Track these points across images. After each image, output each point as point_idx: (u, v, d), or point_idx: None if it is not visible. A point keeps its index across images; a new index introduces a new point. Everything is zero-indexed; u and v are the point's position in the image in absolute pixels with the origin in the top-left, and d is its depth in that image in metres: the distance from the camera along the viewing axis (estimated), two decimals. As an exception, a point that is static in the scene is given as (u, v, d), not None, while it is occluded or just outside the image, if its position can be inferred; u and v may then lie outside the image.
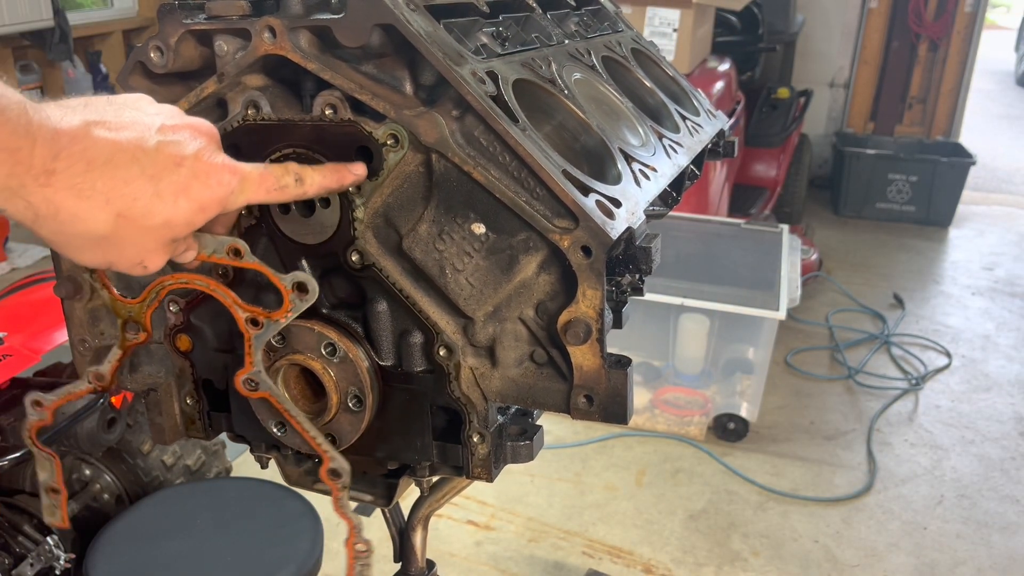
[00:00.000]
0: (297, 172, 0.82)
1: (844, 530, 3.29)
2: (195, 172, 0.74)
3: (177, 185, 0.73)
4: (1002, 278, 5.77)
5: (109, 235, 0.72)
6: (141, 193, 0.71)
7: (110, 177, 0.70)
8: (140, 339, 0.92)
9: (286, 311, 0.85)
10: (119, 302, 0.92)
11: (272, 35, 0.86)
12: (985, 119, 10.47)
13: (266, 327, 0.87)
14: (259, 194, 0.79)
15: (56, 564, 2.21)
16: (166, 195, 0.73)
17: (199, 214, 0.75)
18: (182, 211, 0.74)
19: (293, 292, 0.84)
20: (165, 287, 0.89)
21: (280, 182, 0.81)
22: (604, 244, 0.79)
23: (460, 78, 0.81)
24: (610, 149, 0.95)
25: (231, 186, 0.76)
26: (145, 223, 0.73)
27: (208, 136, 0.77)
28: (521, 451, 0.93)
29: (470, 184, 0.84)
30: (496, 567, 3.05)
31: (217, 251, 0.84)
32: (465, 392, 0.90)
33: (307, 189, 0.83)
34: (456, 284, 0.87)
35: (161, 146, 0.73)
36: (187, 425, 1.06)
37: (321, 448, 0.90)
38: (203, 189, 0.74)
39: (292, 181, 0.82)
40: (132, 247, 0.75)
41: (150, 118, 0.75)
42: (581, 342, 0.83)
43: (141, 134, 0.72)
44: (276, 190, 0.81)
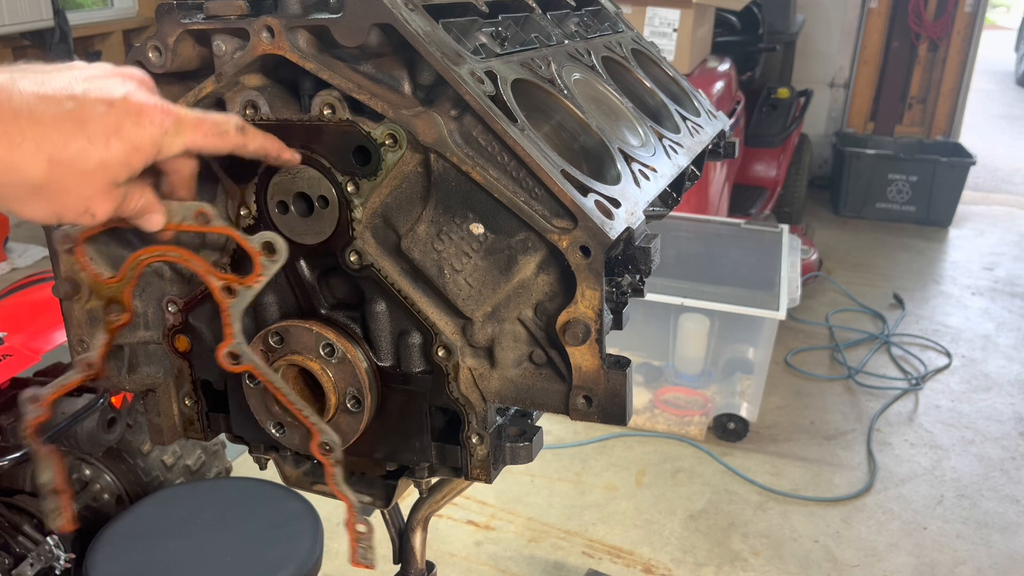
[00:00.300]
0: (240, 122, 0.83)
1: (844, 530, 3.28)
2: (126, 112, 0.74)
3: (107, 126, 0.73)
4: (1002, 278, 5.77)
5: (46, 183, 0.73)
6: (71, 137, 0.72)
7: (38, 124, 0.71)
8: (123, 320, 0.92)
9: (257, 275, 0.85)
10: (99, 282, 0.92)
11: (270, 35, 0.86)
12: (985, 119, 10.47)
13: (240, 295, 0.86)
14: (196, 137, 0.79)
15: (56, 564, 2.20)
16: (97, 137, 0.73)
17: (134, 154, 0.75)
18: (115, 152, 0.74)
19: (262, 254, 0.84)
20: (141, 261, 0.89)
21: (220, 128, 0.81)
22: (603, 244, 0.79)
23: (458, 78, 0.81)
24: (609, 149, 0.94)
25: (164, 126, 0.76)
26: (79, 166, 0.73)
27: (139, 80, 0.78)
28: (520, 452, 0.93)
29: (468, 184, 0.83)
30: (496, 567, 3.05)
31: (185, 218, 0.84)
32: (464, 393, 0.90)
33: (247, 141, 0.83)
34: (455, 284, 0.87)
35: (89, 91, 0.73)
36: (186, 426, 1.06)
37: (309, 420, 0.89)
38: (135, 128, 0.75)
39: (233, 128, 0.82)
40: (72, 194, 0.75)
41: (79, 71, 0.76)
42: (580, 343, 0.82)
43: (68, 83, 0.73)
44: (215, 135, 0.81)
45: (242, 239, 0.84)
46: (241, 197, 0.93)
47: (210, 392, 1.03)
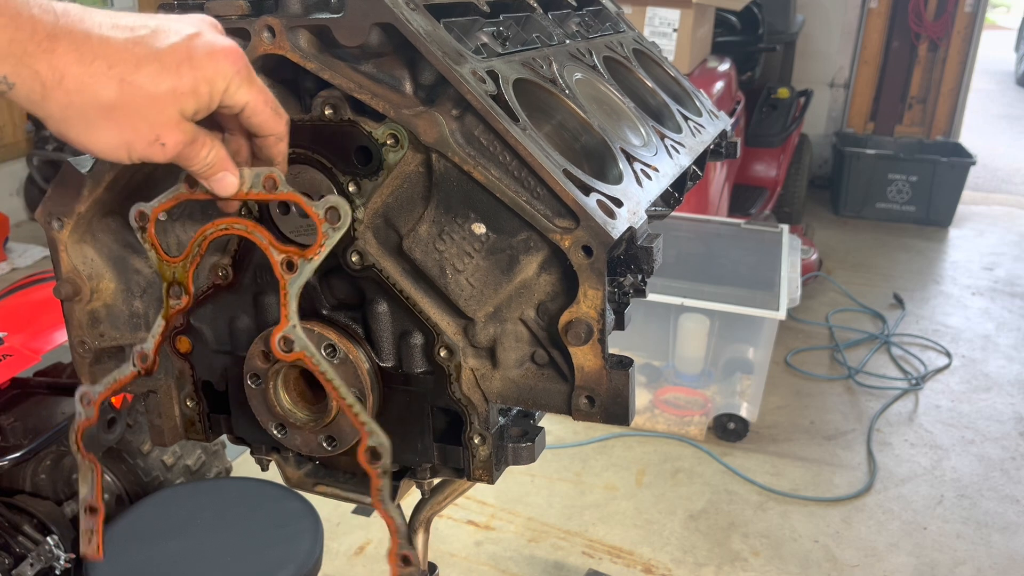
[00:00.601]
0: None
1: (844, 530, 3.28)
2: (199, 44, 0.75)
3: (180, 54, 0.74)
4: (1002, 278, 5.77)
5: (116, 103, 0.73)
6: (143, 60, 0.73)
7: (110, 44, 0.72)
8: (183, 304, 0.89)
9: (320, 244, 0.81)
10: (164, 260, 0.89)
11: (271, 35, 0.86)
12: (985, 119, 10.47)
13: (301, 269, 0.82)
14: (259, 100, 0.79)
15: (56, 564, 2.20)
16: (169, 63, 0.73)
17: (203, 84, 0.75)
18: (186, 80, 0.74)
19: (325, 220, 0.80)
20: (207, 236, 0.87)
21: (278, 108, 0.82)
22: (605, 244, 0.79)
23: (460, 77, 0.81)
24: (611, 149, 0.94)
25: (237, 64, 0.77)
26: (150, 90, 0.73)
27: (210, 23, 0.78)
28: (523, 453, 0.93)
29: (470, 184, 0.83)
30: (496, 567, 3.05)
31: (255, 184, 0.82)
32: (466, 393, 0.90)
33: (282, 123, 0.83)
34: (456, 285, 0.87)
35: (162, 22, 0.75)
36: (187, 427, 1.06)
37: (359, 419, 0.82)
38: (207, 60, 0.75)
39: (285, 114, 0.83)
40: (143, 120, 0.74)
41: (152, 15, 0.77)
42: (582, 343, 0.82)
43: (141, 17, 0.75)
44: (273, 108, 0.81)
45: (307, 205, 0.81)
46: (242, 197, 0.92)
47: (211, 393, 1.03)
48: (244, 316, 0.98)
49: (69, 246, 0.98)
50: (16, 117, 6.36)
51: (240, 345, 0.98)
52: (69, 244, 0.99)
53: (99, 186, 0.95)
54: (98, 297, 1.01)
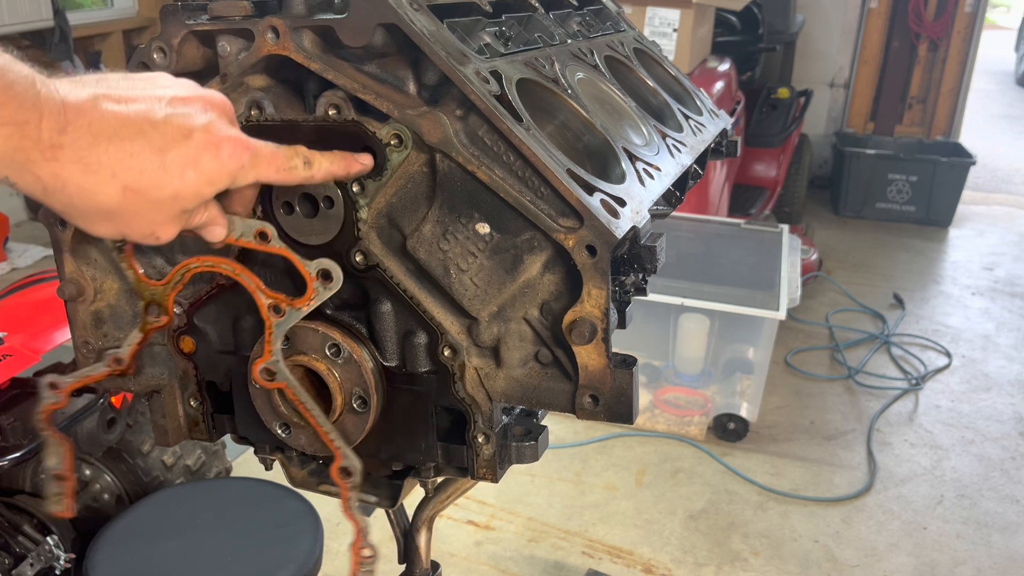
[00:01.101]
0: (306, 155, 0.82)
1: (844, 530, 3.29)
2: (205, 144, 0.74)
3: (185, 157, 0.73)
4: (1002, 278, 5.77)
5: (117, 208, 0.73)
6: (148, 166, 0.72)
7: (116, 150, 0.70)
8: (161, 322, 0.91)
9: (308, 298, 0.85)
10: (143, 283, 0.91)
11: (275, 35, 0.86)
12: (985, 119, 10.48)
13: (288, 315, 0.86)
14: (269, 172, 0.80)
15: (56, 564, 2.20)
16: (173, 168, 0.73)
17: (208, 187, 0.75)
18: (190, 183, 0.74)
19: (318, 280, 0.84)
20: (191, 270, 0.89)
21: (290, 162, 0.81)
22: (609, 243, 0.79)
23: (464, 77, 0.81)
24: (614, 148, 0.94)
25: (242, 160, 0.76)
26: (153, 196, 0.73)
27: (220, 109, 0.77)
28: (526, 452, 0.93)
29: (474, 184, 0.83)
30: (496, 567, 3.05)
31: (245, 234, 0.84)
32: (470, 392, 0.90)
33: (314, 173, 0.83)
34: (460, 284, 0.87)
35: (170, 118, 0.73)
36: (191, 427, 1.06)
37: (334, 444, 0.89)
38: (212, 161, 0.75)
39: (301, 163, 0.82)
40: (142, 219, 0.75)
41: (162, 90, 0.75)
42: (586, 342, 0.82)
43: (150, 106, 0.72)
44: (285, 170, 0.81)
45: (300, 263, 0.84)
46: (246, 197, 0.92)
47: (215, 393, 1.03)
48: (248, 316, 0.98)
49: (73, 247, 0.99)
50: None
51: (244, 345, 0.98)
52: (73, 245, 0.99)
53: (103, 186, 0.95)
54: (102, 297, 1.02)
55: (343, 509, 0.91)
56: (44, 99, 0.66)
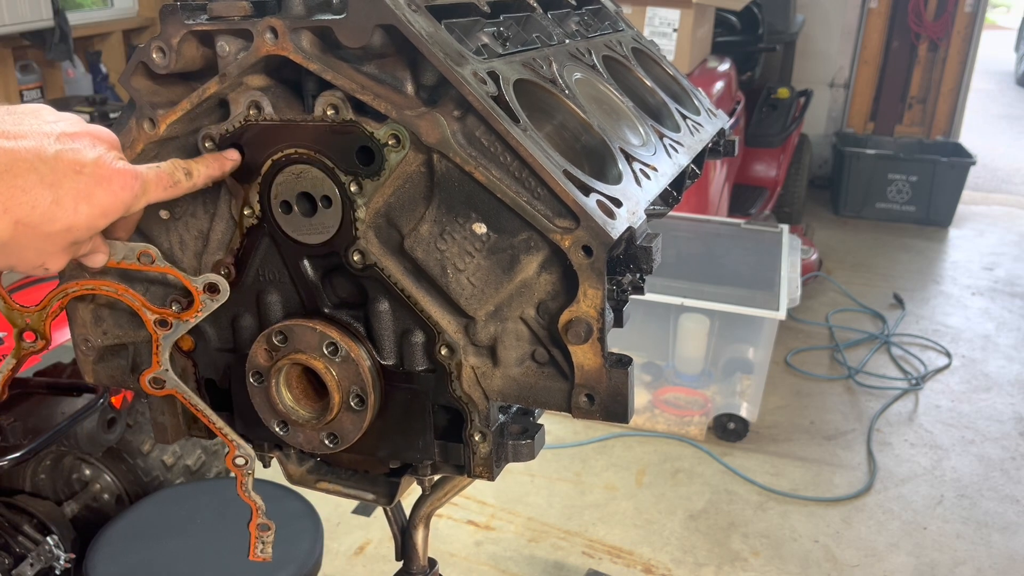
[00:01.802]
0: (184, 166, 0.85)
1: (844, 530, 3.29)
2: (97, 178, 0.75)
3: (77, 191, 0.74)
4: (1002, 278, 5.78)
5: (8, 241, 0.73)
6: (39, 200, 0.72)
7: (8, 186, 0.71)
8: (38, 347, 0.92)
9: (196, 311, 0.89)
10: (15, 311, 0.91)
11: (274, 36, 0.86)
12: (985, 119, 10.48)
13: (175, 327, 0.90)
14: (158, 193, 0.82)
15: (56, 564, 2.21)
16: (66, 202, 0.73)
17: (101, 219, 0.77)
18: (83, 216, 0.75)
19: (204, 293, 0.88)
20: (68, 294, 0.90)
21: (173, 178, 0.83)
22: (605, 244, 0.79)
23: (461, 78, 0.81)
24: (611, 149, 0.95)
25: (134, 190, 0.78)
26: (45, 229, 0.74)
27: (108, 143, 0.79)
28: (522, 450, 0.93)
29: (471, 184, 0.84)
30: (496, 567, 3.06)
31: (128, 257, 0.86)
32: (467, 391, 0.90)
33: (196, 181, 0.86)
34: (457, 284, 0.87)
35: (60, 153, 0.74)
36: (189, 425, 1.06)
37: (228, 438, 0.95)
38: (105, 195, 0.76)
39: (183, 176, 0.84)
40: (31, 251, 0.76)
41: (49, 126, 0.76)
42: (582, 341, 0.83)
43: (40, 143, 0.73)
44: (170, 187, 0.83)
45: (185, 279, 0.88)
46: (245, 197, 0.93)
47: (214, 391, 1.04)
48: (246, 314, 0.98)
49: None
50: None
51: (242, 343, 0.99)
52: (72, 243, 0.99)
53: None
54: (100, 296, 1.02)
55: (239, 492, 0.99)
56: None
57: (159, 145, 0.95)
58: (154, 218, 0.99)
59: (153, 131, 0.93)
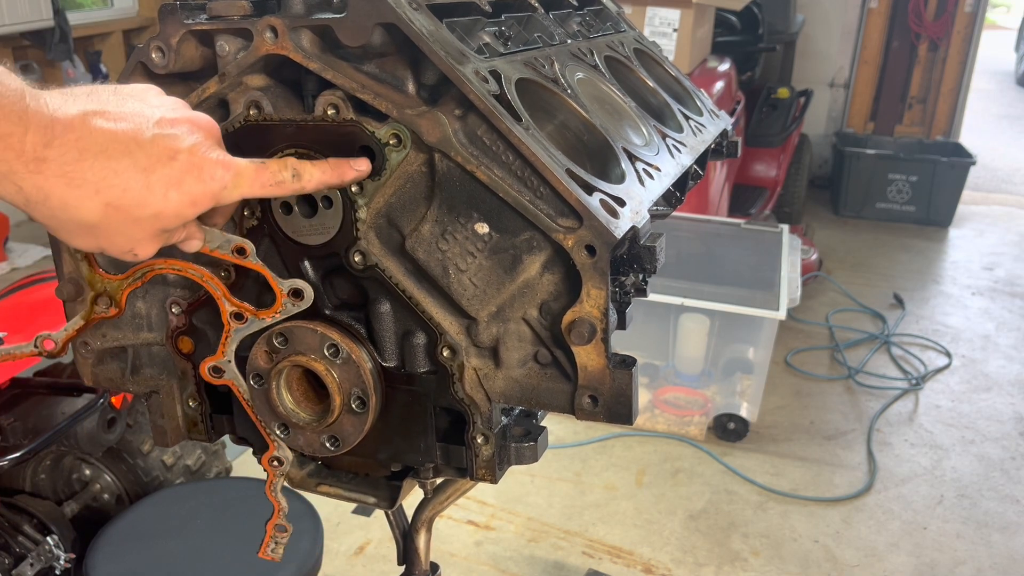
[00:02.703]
0: (295, 167, 0.82)
1: (844, 530, 3.28)
2: (189, 166, 0.75)
3: (169, 178, 0.74)
4: (1002, 278, 5.77)
5: (98, 223, 0.73)
6: (132, 184, 0.72)
7: (101, 167, 0.71)
8: (110, 314, 0.93)
9: (275, 311, 0.88)
10: (96, 275, 0.92)
11: (274, 35, 0.85)
12: (985, 119, 10.48)
13: (249, 323, 0.89)
14: (254, 189, 0.80)
15: (56, 564, 2.20)
16: (157, 188, 0.73)
17: (190, 207, 0.76)
18: (172, 204, 0.75)
19: (287, 296, 0.87)
20: (155, 270, 0.90)
21: (277, 177, 0.81)
22: (608, 243, 0.79)
23: (463, 77, 0.81)
24: (613, 148, 0.94)
25: (224, 181, 0.77)
26: (134, 214, 0.74)
27: (206, 131, 0.78)
28: (525, 452, 0.93)
29: (473, 184, 0.83)
30: (496, 567, 3.05)
31: (223, 247, 0.85)
32: (469, 393, 0.90)
33: (305, 184, 0.83)
34: (459, 284, 0.87)
35: (157, 139, 0.73)
36: (189, 427, 1.06)
37: (270, 437, 0.95)
38: (195, 183, 0.75)
39: (289, 176, 0.82)
40: (122, 236, 0.75)
41: (151, 110, 0.75)
42: (585, 342, 0.82)
43: (138, 125, 0.73)
44: (272, 185, 0.81)
45: (273, 281, 0.87)
46: (245, 197, 0.92)
47: (214, 394, 1.03)
48: (246, 316, 0.97)
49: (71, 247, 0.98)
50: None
51: (242, 346, 0.98)
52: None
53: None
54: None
55: (267, 491, 0.98)
56: (32, 113, 0.67)
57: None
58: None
59: (153, 131, 0.92)
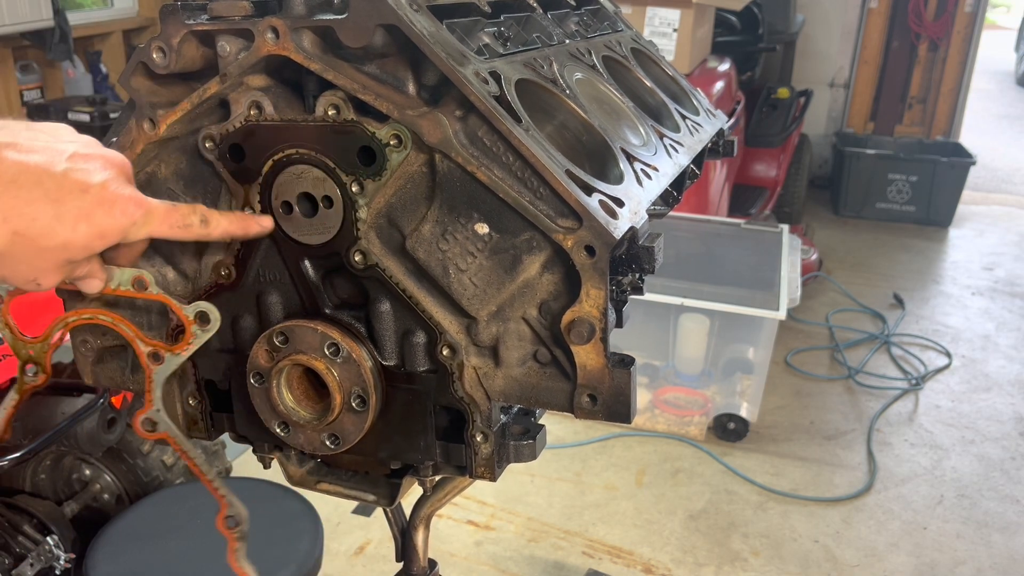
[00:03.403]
0: (204, 214, 0.85)
1: (844, 530, 3.29)
2: (100, 200, 0.76)
3: (79, 210, 0.75)
4: (1002, 278, 5.78)
5: (4, 251, 0.74)
6: (41, 214, 0.74)
7: (11, 196, 0.72)
8: (39, 382, 0.92)
9: (187, 342, 0.87)
10: (19, 341, 0.92)
11: (275, 36, 0.86)
12: (985, 119, 10.48)
13: (167, 361, 0.89)
14: (162, 228, 0.82)
15: (56, 564, 2.21)
16: (66, 219, 0.75)
17: (97, 240, 0.77)
18: (81, 235, 0.76)
19: (195, 323, 0.87)
20: (68, 323, 0.91)
21: (185, 220, 0.84)
22: (608, 244, 0.79)
23: (463, 78, 0.81)
24: (612, 149, 0.94)
25: (134, 217, 0.79)
26: (42, 244, 0.75)
27: (119, 168, 0.80)
28: (524, 450, 0.93)
29: (473, 184, 0.84)
30: (496, 567, 3.05)
31: (122, 283, 0.86)
32: (468, 392, 0.90)
33: (211, 231, 0.86)
34: (459, 284, 0.87)
35: (69, 172, 0.75)
36: (189, 426, 1.06)
37: (219, 493, 0.92)
38: (105, 217, 0.77)
39: (197, 221, 0.85)
40: (26, 265, 0.77)
41: (64, 145, 0.77)
42: (585, 342, 0.83)
43: (50, 158, 0.75)
44: (180, 227, 0.84)
45: (177, 307, 0.87)
46: (245, 197, 0.93)
47: (214, 392, 1.03)
48: (247, 315, 0.98)
49: None
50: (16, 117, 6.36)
51: (243, 344, 0.98)
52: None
53: (102, 186, 0.95)
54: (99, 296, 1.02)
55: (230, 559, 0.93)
56: None
57: (159, 145, 0.95)
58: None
59: (153, 131, 0.93)
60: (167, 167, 0.97)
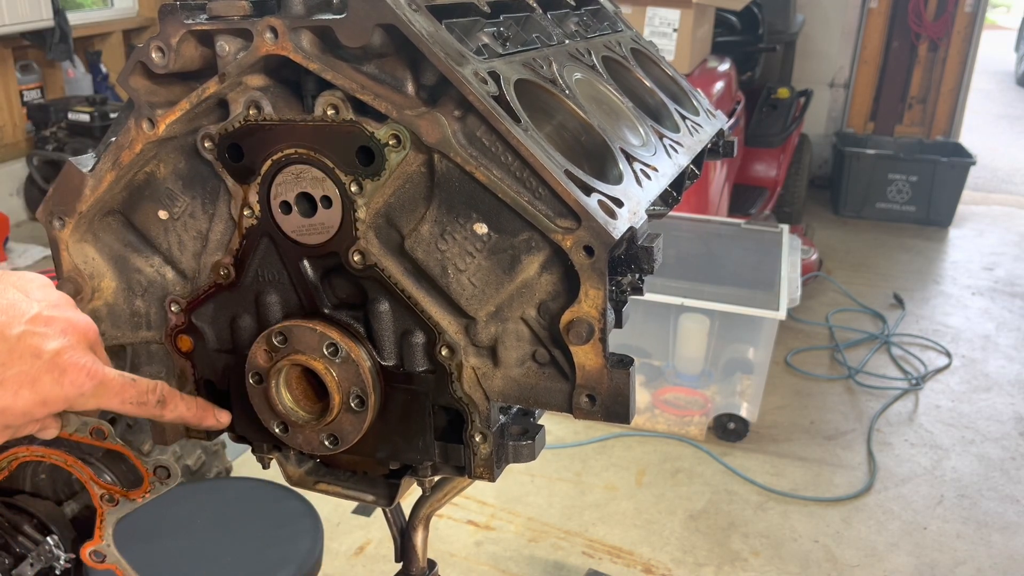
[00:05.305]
0: (164, 394, 0.84)
1: (844, 530, 3.29)
2: (50, 367, 0.75)
3: (25, 376, 0.74)
4: (1002, 278, 5.78)
5: None
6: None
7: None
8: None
9: (144, 491, 0.88)
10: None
11: (274, 35, 0.86)
12: (985, 119, 10.48)
13: (121, 504, 0.89)
14: (114, 403, 0.81)
15: (56, 564, 2.21)
16: (9, 383, 0.73)
17: (39, 407, 0.76)
18: (22, 402, 0.74)
19: (154, 475, 0.87)
20: (18, 458, 0.91)
21: (142, 398, 0.83)
22: (607, 244, 0.79)
23: (462, 78, 0.81)
24: (611, 149, 0.94)
25: (83, 388, 0.77)
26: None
27: (80, 334, 0.78)
28: (523, 451, 0.93)
29: (472, 184, 0.84)
30: (496, 567, 3.05)
31: (80, 430, 0.85)
32: (467, 392, 0.90)
33: (166, 413, 0.86)
34: (458, 284, 0.87)
35: (24, 335, 0.74)
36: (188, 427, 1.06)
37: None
38: (52, 385, 0.75)
39: (155, 400, 0.84)
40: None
41: (28, 304, 0.76)
42: (583, 342, 0.83)
43: (10, 319, 0.73)
44: (134, 404, 0.82)
45: (137, 460, 0.87)
46: (244, 197, 0.93)
47: (213, 392, 1.03)
48: (245, 315, 0.98)
49: (70, 245, 0.99)
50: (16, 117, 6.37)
51: (242, 344, 0.98)
52: (70, 243, 0.99)
53: (101, 185, 0.96)
54: (99, 296, 1.02)
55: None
56: None
57: (158, 145, 0.95)
58: (153, 218, 0.99)
59: (152, 131, 0.93)
60: (166, 167, 0.97)
